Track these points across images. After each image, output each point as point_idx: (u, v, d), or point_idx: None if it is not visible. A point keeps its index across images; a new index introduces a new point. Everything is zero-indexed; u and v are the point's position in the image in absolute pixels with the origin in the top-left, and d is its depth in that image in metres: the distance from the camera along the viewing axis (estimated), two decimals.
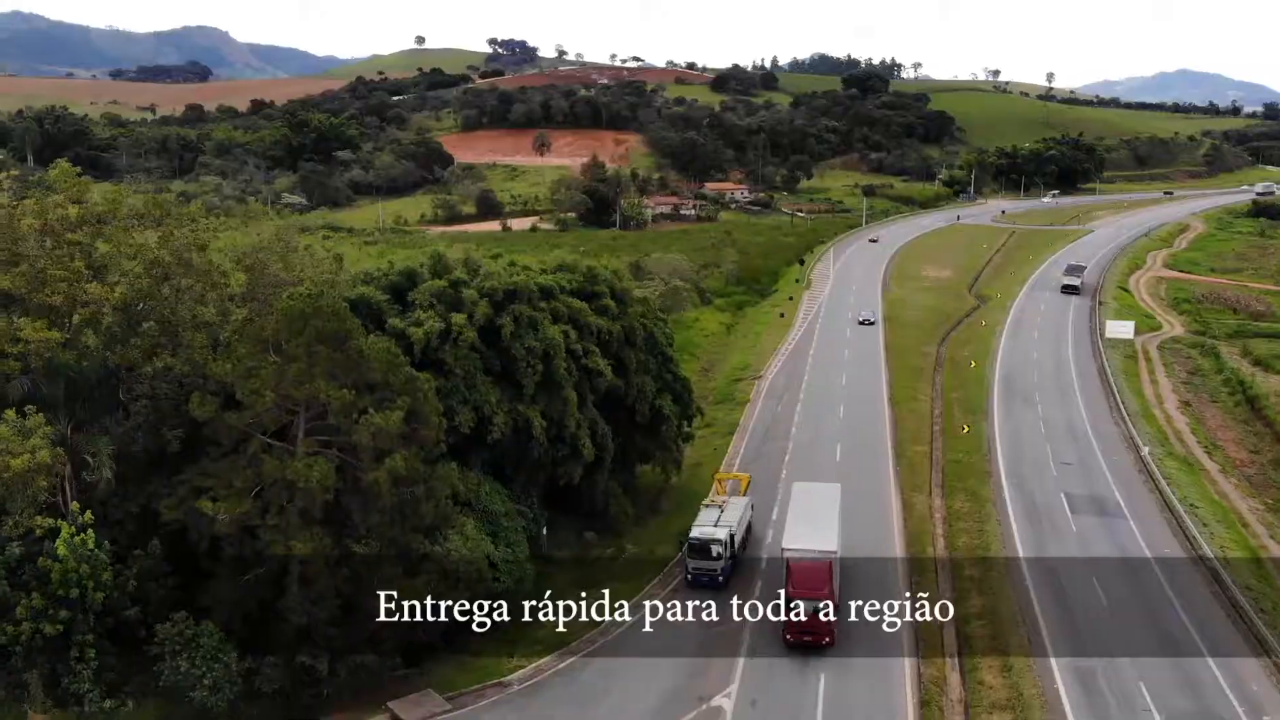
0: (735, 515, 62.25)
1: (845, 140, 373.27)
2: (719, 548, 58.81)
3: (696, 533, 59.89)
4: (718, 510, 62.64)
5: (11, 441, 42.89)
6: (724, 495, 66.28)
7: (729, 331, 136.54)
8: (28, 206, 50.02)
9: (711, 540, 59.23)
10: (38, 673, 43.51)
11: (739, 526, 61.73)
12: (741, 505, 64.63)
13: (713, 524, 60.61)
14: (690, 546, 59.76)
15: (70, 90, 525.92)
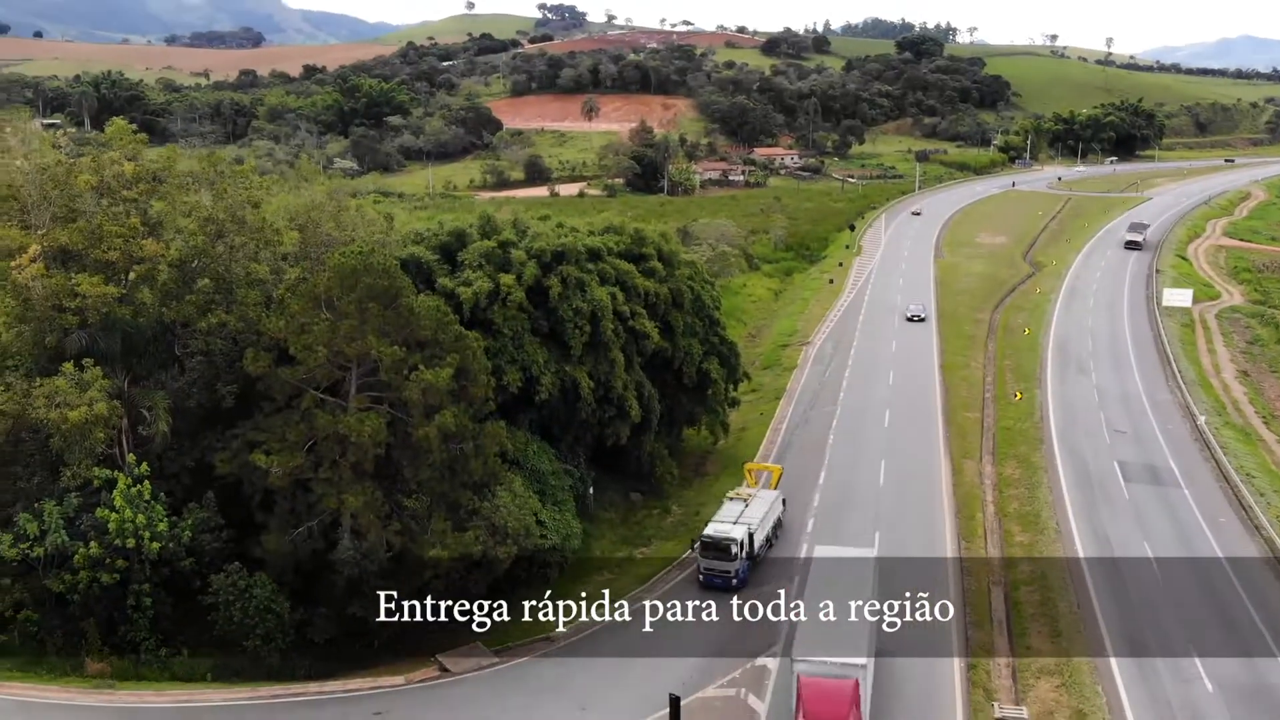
0: (759, 511, 58.34)
1: (898, 105, 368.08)
2: (735, 547, 54.48)
3: (711, 529, 55.62)
4: (742, 504, 58.85)
5: (69, 394, 43.72)
6: (754, 486, 63.24)
7: (777, 298, 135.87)
8: (84, 163, 50.67)
9: (727, 539, 54.77)
10: (95, 621, 44.47)
11: (762, 524, 57.62)
12: (769, 501, 60.57)
13: (732, 520, 56.46)
14: (703, 544, 55.41)
15: (126, 56, 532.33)
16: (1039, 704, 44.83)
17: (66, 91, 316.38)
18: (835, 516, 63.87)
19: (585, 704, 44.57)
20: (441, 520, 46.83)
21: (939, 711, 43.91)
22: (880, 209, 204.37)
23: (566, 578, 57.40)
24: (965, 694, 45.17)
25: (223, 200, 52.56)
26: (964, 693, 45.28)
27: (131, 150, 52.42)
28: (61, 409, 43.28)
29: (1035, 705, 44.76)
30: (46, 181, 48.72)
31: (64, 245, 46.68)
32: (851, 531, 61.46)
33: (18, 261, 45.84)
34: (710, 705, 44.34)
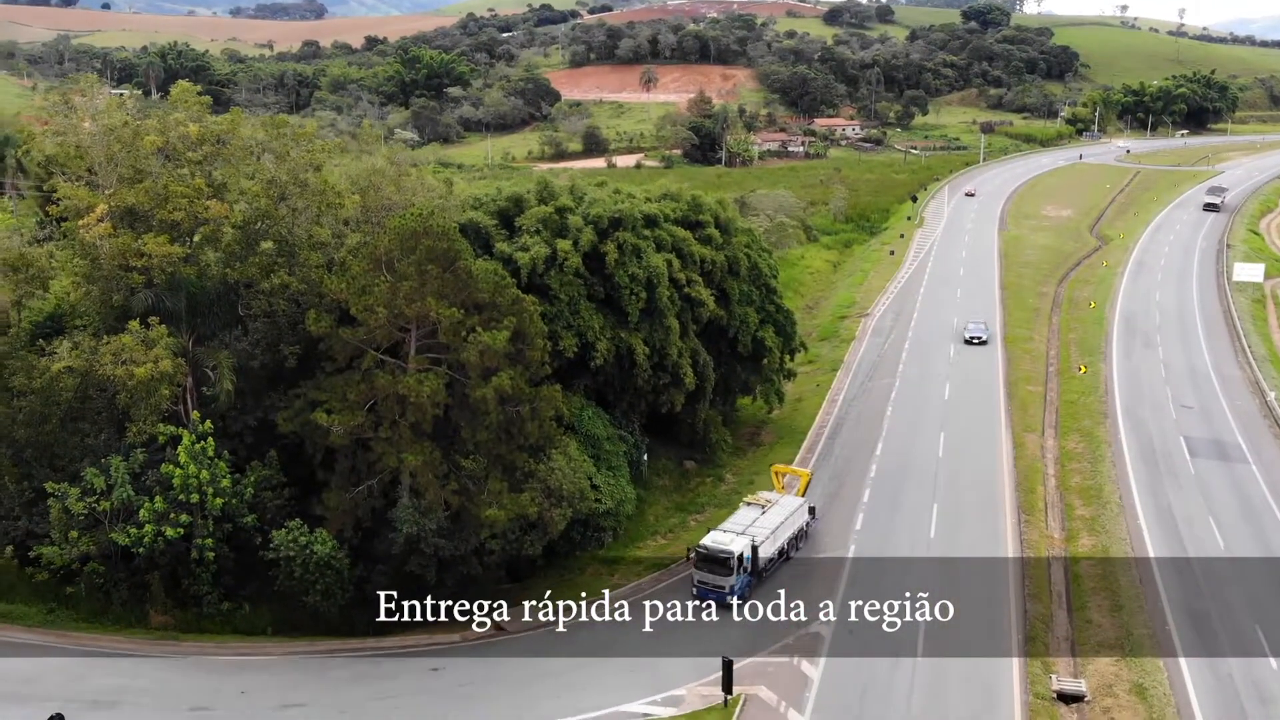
0: (772, 522, 53.25)
1: (963, 75, 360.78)
2: (734, 561, 49.40)
3: (709, 539, 50.85)
4: (758, 511, 54.13)
5: (135, 351, 44.59)
6: (780, 491, 58.07)
7: (835, 269, 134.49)
8: (150, 125, 51.44)
9: (724, 552, 49.65)
10: (159, 574, 45.59)
11: (773, 536, 52.42)
12: (788, 510, 55.09)
13: (739, 530, 51.73)
14: (698, 555, 50.42)
15: (191, 27, 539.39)
16: (1098, 677, 44.20)
17: (134, 62, 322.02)
18: (892, 487, 63.26)
19: (637, 666, 44.72)
20: (498, 481, 47.19)
21: (995, 683, 43.41)
22: (944, 181, 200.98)
23: (620, 542, 57.82)
24: (1022, 666, 44.61)
25: (285, 163, 53.06)
26: (1021, 664, 44.71)
27: (196, 113, 53.07)
28: (128, 366, 44.18)
29: (1094, 679, 44.15)
30: (113, 143, 49.54)
31: (130, 205, 47.44)
32: (908, 503, 61.00)
33: (85, 221, 46.73)
34: (763, 670, 44.26)
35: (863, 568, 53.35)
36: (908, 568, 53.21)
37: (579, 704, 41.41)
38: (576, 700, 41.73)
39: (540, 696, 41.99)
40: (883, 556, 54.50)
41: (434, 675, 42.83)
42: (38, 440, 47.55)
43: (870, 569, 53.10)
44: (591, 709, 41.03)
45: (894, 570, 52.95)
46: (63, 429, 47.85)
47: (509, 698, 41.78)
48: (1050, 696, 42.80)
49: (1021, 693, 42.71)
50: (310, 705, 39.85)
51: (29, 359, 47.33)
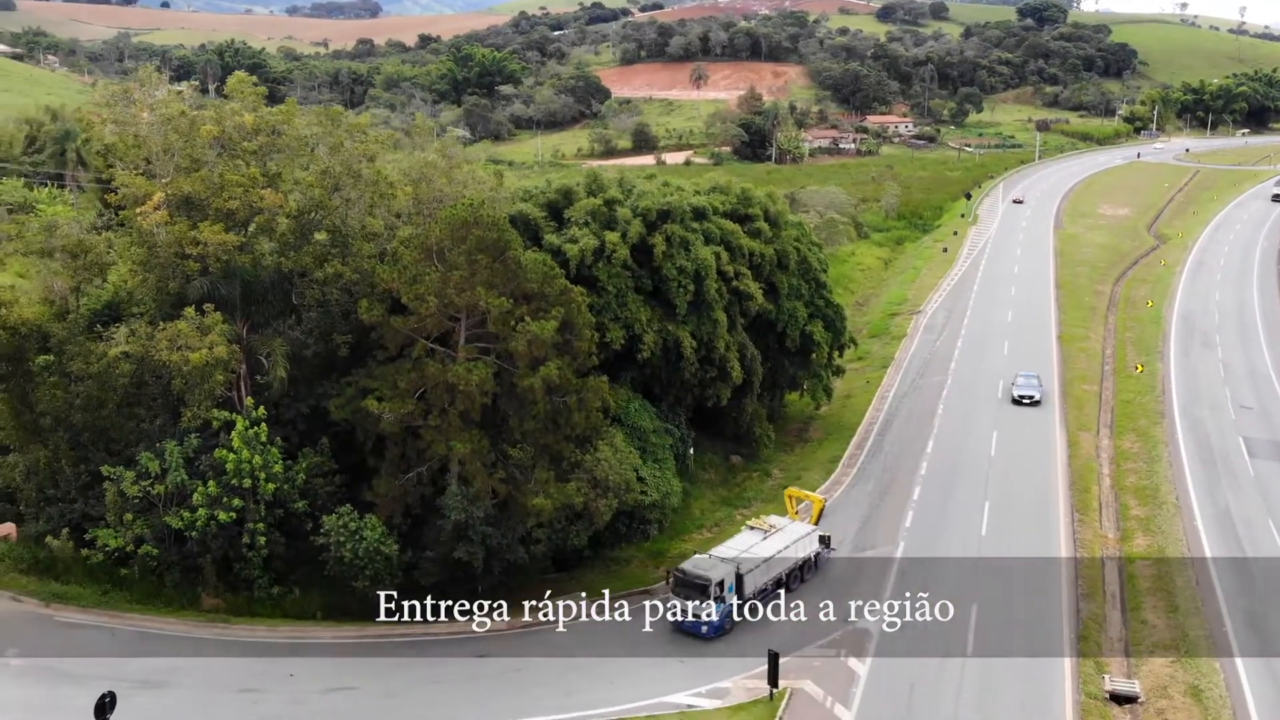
0: (771, 549, 48.92)
1: (1018, 73, 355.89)
2: (715, 589, 45.20)
3: (690, 563, 46.88)
4: (759, 536, 50.03)
5: (190, 337, 45.20)
6: (793, 517, 54.08)
7: (887, 266, 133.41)
8: (206, 115, 52.18)
9: (702, 578, 45.31)
10: (211, 558, 46.15)
11: (767, 565, 48.20)
12: (793, 536, 50.74)
13: (730, 555, 47.61)
14: (675, 580, 46.17)
15: (248, 25, 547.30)
16: (1152, 679, 43.32)
17: (191, 60, 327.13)
18: (943, 485, 62.54)
19: (684, 656, 44.59)
20: (545, 470, 47.31)
21: (1047, 682, 42.71)
22: (998, 178, 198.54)
23: (666, 535, 57.71)
24: (1074, 666, 43.85)
25: (339, 154, 53.54)
26: (1073, 664, 43.96)
27: (251, 103, 53.72)
28: (183, 351, 44.79)
29: (1149, 680, 43.26)
30: (170, 133, 50.27)
31: (187, 194, 48.09)
32: (960, 501, 60.28)
33: (142, 209, 47.48)
34: (809, 665, 43.91)
35: (912, 565, 52.75)
36: (958, 566, 52.56)
37: (623, 694, 41.36)
38: (621, 690, 41.67)
39: (585, 685, 41.99)
40: (933, 554, 53.87)
41: (480, 662, 43.01)
42: (94, 424, 48.36)
43: (920, 566, 52.50)
44: (636, 699, 40.94)
45: (944, 568, 52.34)
46: (119, 414, 48.63)
47: (554, 685, 41.84)
48: (1103, 697, 41.99)
49: (1073, 693, 41.98)
50: (358, 689, 40.20)
51: (87, 344, 48.17)
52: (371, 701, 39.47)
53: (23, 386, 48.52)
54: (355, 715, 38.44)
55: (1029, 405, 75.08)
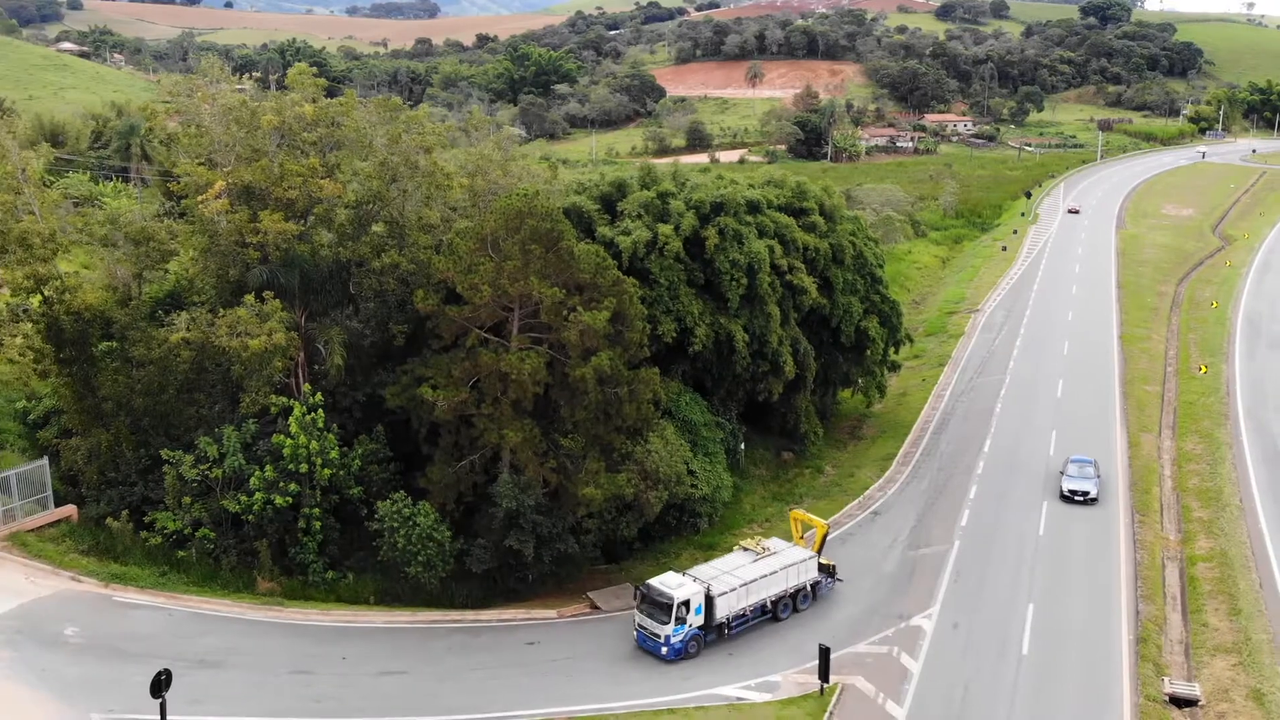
0: (756, 572, 45.73)
1: (1080, 72, 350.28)
2: (681, 610, 42.38)
3: (657, 581, 43.81)
4: (750, 559, 46.91)
5: (250, 324, 45.82)
6: (798, 541, 50.38)
7: (944, 265, 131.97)
8: (267, 106, 52.87)
9: (666, 597, 42.45)
10: (267, 541, 46.63)
11: (746, 590, 44.95)
12: (787, 561, 47.07)
13: (705, 576, 44.90)
14: (640, 595, 43.58)
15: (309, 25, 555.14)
16: (1213, 681, 42.27)
17: (254, 58, 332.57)
18: (1000, 484, 61.62)
19: (733, 650, 44.34)
20: (596, 461, 47.30)
21: (1105, 684, 41.85)
22: (1059, 178, 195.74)
23: (716, 529, 57.44)
24: (1133, 667, 42.91)
25: (397, 145, 53.97)
26: (1132, 666, 43.02)
27: (311, 94, 54.34)
28: (242, 338, 45.41)
29: (1209, 683, 42.23)
30: (232, 123, 50.98)
31: (247, 183, 48.76)
32: (1017, 500, 59.36)
33: (204, 197, 48.20)
34: (861, 660, 43.47)
35: (968, 563, 52.04)
36: (1015, 565, 51.78)
37: (672, 684, 41.23)
38: (669, 680, 41.55)
39: (633, 675, 41.93)
40: (989, 553, 53.08)
41: (530, 649, 43.08)
42: (155, 409, 49.16)
43: (976, 564, 51.79)
44: (684, 690, 40.80)
45: (1000, 566, 51.60)
46: (179, 399, 49.38)
47: (603, 674, 41.81)
48: (1162, 699, 41.06)
49: (1132, 694, 41.07)
50: (410, 673, 40.46)
51: (148, 331, 48.98)
52: (422, 685, 39.70)
53: (86, 371, 49.50)
54: (406, 698, 38.63)
55: (1081, 504, 57.95)
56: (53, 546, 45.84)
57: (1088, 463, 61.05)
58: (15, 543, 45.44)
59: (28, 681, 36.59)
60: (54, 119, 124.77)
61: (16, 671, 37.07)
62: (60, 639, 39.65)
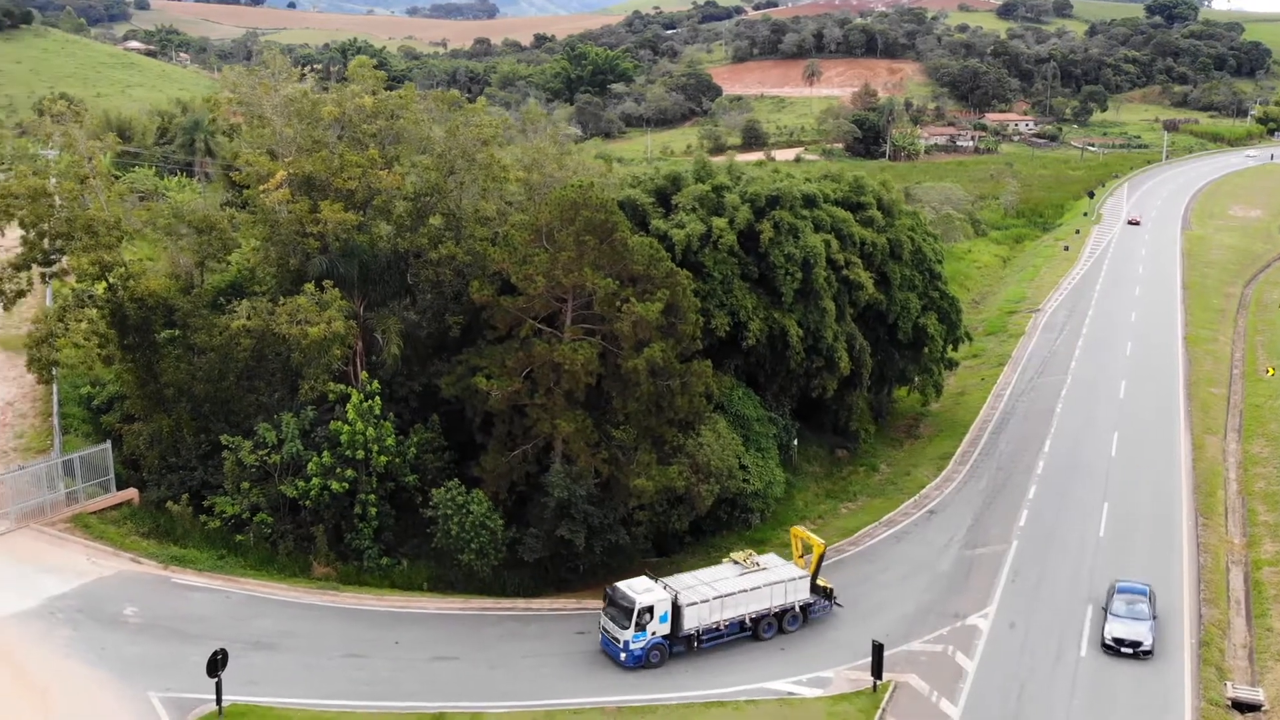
0: (736, 586, 43.36)
1: (1145, 72, 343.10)
2: (644, 617, 40.60)
3: (623, 584, 42.25)
4: (736, 571, 44.62)
5: (310, 312, 46.34)
6: (797, 561, 46.80)
7: (1005, 265, 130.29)
8: (328, 97, 53.48)
9: (629, 601, 40.82)
10: (323, 527, 47.21)
11: (727, 602, 42.72)
12: (775, 578, 44.29)
13: (682, 585, 42.99)
14: (607, 598, 42.14)
15: (370, 26, 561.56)
16: (1277, 686, 41.14)
17: (315, 58, 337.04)
18: (1060, 485, 60.64)
19: (785, 645, 43.98)
20: (647, 453, 47.25)
21: (1165, 687, 40.92)
22: (1123, 178, 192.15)
23: (768, 525, 57.07)
24: (1195, 671, 41.91)
25: (455, 137, 54.29)
26: (1194, 670, 42.03)
27: (371, 86, 54.85)
28: (302, 325, 45.95)
29: (1273, 688, 41.13)
30: (293, 114, 51.60)
31: (308, 174, 49.30)
32: (1077, 501, 58.33)
33: (265, 186, 48.85)
34: (915, 658, 42.91)
35: (1026, 563, 51.23)
36: (1075, 565, 50.86)
37: (721, 678, 41.04)
38: (719, 674, 41.36)
39: (683, 667, 41.75)
40: (1048, 553, 52.21)
41: (581, 638, 43.03)
42: (215, 396, 49.90)
43: (1034, 565, 50.94)
44: (734, 683, 40.57)
45: (1059, 567, 50.75)
46: (239, 386, 50.07)
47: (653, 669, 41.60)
48: (1224, 704, 40.05)
49: (1193, 698, 40.14)
50: (461, 659, 40.65)
51: (210, 318, 49.77)
52: (473, 671, 39.88)
53: (149, 358, 50.34)
54: (457, 683, 38.84)
55: (1130, 656, 42.83)
56: (114, 529, 46.72)
57: (1140, 593, 45.40)
58: (78, 524, 46.39)
59: (88, 660, 37.33)
60: (121, 115, 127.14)
61: (77, 650, 37.84)
62: (120, 619, 40.39)
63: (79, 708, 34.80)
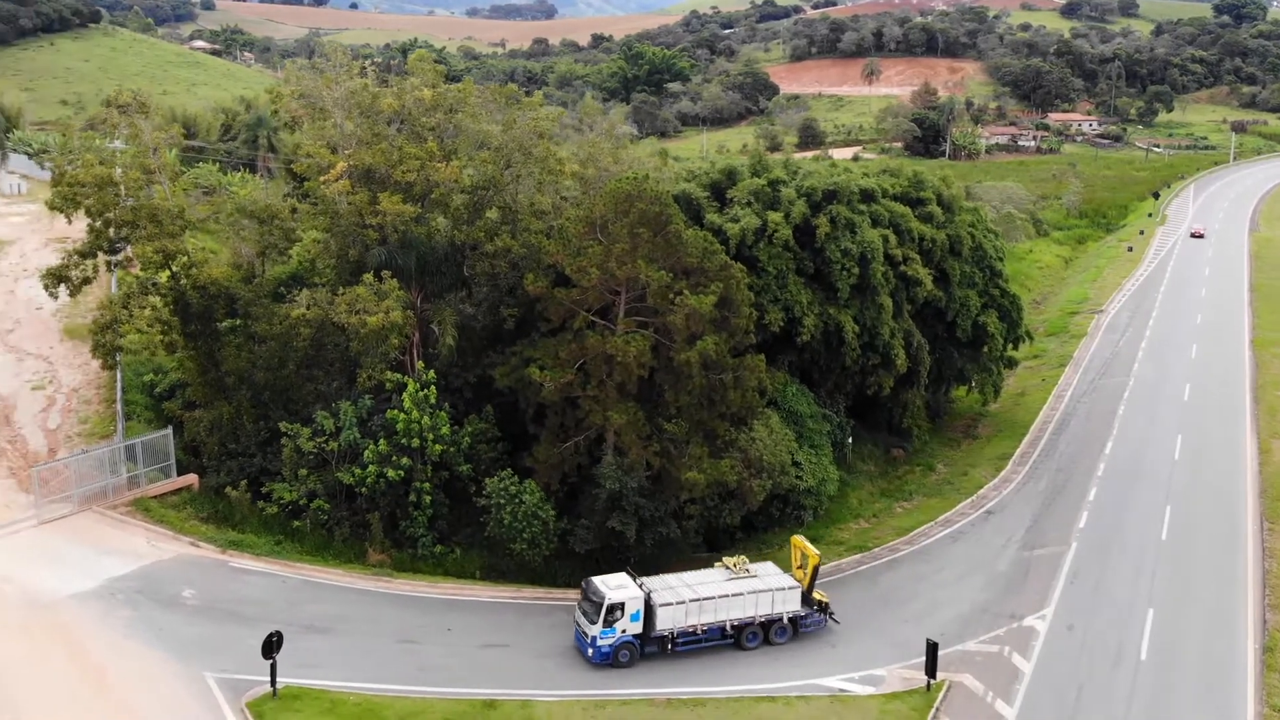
0: (719, 590, 42.00)
1: (1212, 72, 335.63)
2: (614, 614, 39.69)
3: (597, 579, 41.38)
4: (723, 575, 43.29)
5: (368, 301, 46.78)
6: (796, 571, 44.90)
7: (1067, 265, 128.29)
8: (388, 91, 54.01)
9: (599, 595, 40.07)
10: (378, 514, 47.67)
11: (705, 606, 41.43)
12: (763, 586, 42.83)
13: (661, 585, 42.08)
14: (581, 591, 41.75)
15: (430, 26, 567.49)
16: None
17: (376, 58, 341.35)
18: (1121, 487, 59.39)
19: (836, 643, 43.56)
20: (699, 446, 47.09)
21: (1226, 693, 39.92)
22: (1189, 179, 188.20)
23: (821, 522, 56.59)
24: (1259, 677, 40.83)
25: (512, 130, 54.54)
26: (1257, 676, 40.94)
27: (430, 79, 55.26)
28: (361, 314, 46.40)
29: None
30: (353, 107, 52.15)
31: (368, 165, 49.82)
32: (1139, 503, 57.12)
33: (325, 177, 49.42)
34: (970, 658, 42.25)
35: (1085, 565, 50.25)
36: (1135, 568, 49.82)
37: (772, 673, 40.75)
38: (770, 669, 41.09)
39: (733, 662, 41.56)
40: (1108, 556, 51.17)
41: None
42: (275, 384, 50.63)
43: (1093, 567, 49.98)
44: (785, 679, 40.26)
45: (1119, 570, 49.73)
46: (298, 374, 50.75)
47: (702, 660, 41.47)
48: None
49: (1256, 704, 39.12)
50: (511, 646, 40.80)
51: (271, 307, 50.46)
52: (524, 660, 40.00)
53: (210, 346, 51.25)
54: (507, 671, 38.97)
55: None
56: (174, 513, 47.54)
57: None
58: (138, 508, 47.28)
59: (146, 640, 37.98)
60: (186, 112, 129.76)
61: (136, 630, 38.53)
62: (178, 600, 41.07)
63: (136, 686, 35.41)
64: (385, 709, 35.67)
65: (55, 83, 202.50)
